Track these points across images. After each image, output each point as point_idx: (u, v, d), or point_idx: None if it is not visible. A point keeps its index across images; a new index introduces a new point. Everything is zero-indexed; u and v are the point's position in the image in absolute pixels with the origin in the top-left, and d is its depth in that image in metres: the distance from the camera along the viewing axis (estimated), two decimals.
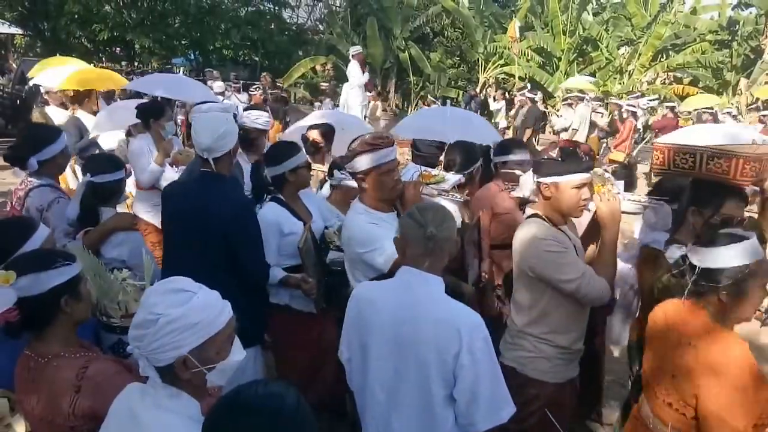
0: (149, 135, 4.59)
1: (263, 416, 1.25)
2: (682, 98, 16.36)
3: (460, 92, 20.16)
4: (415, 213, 2.05)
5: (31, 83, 7.77)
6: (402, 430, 2.03)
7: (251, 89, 13.59)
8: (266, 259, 3.07)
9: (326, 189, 4.07)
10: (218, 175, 2.95)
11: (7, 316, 1.74)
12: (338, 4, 24.81)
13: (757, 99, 15.55)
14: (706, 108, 13.46)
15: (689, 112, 14.30)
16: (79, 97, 6.36)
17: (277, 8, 24.55)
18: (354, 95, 12.16)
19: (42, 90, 7.28)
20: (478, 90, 18.14)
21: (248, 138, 4.24)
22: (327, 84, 18.48)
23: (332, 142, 4.72)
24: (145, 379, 1.58)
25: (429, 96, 18.52)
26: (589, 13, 21.85)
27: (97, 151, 5.34)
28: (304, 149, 4.35)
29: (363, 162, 2.69)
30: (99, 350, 2.03)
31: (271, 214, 3.15)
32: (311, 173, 4.47)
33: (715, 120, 12.13)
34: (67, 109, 6.83)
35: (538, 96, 14.32)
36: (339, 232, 3.22)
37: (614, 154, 11.21)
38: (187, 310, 1.48)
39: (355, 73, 12.06)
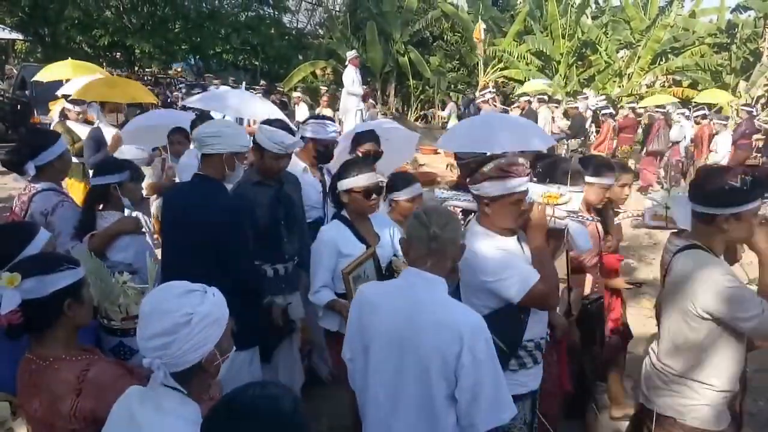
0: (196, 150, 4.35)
1: (260, 418, 1.26)
2: (683, 102, 16.39)
3: (460, 96, 20.18)
4: (421, 214, 2.08)
5: (59, 92, 7.41)
6: (403, 430, 2.04)
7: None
8: (317, 279, 3.02)
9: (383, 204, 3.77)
10: (208, 179, 2.97)
11: (11, 318, 1.75)
12: (338, 9, 24.86)
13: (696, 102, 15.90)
14: (658, 107, 13.68)
15: (645, 109, 14.61)
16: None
17: (276, 13, 24.59)
18: (350, 101, 12.20)
19: (66, 105, 6.93)
20: (477, 93, 18.14)
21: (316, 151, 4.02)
22: (326, 88, 18.52)
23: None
24: (145, 382, 1.60)
25: (370, 99, 17.85)
26: (588, 17, 21.86)
27: None
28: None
29: (493, 188, 2.42)
30: (100, 353, 2.03)
31: (329, 232, 3.04)
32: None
33: (668, 120, 12.41)
34: (90, 123, 6.61)
35: (535, 99, 14.42)
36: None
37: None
38: (211, 306, 1.55)
39: (349, 80, 12.11)
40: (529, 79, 19.37)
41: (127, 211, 3.20)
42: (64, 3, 18.92)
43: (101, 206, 3.09)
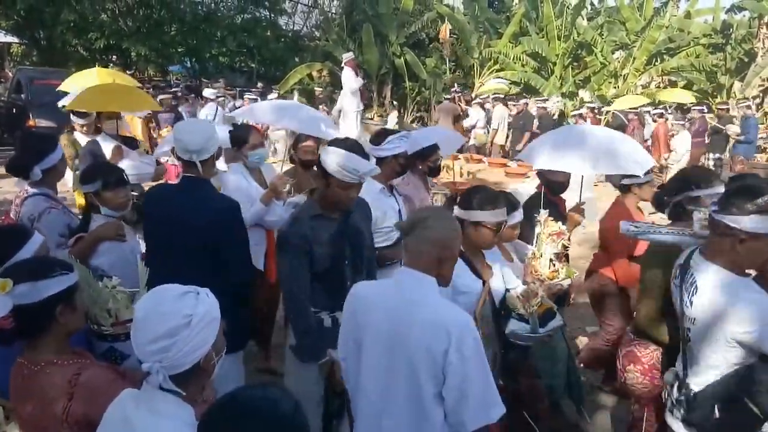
0: (242, 165, 3.99)
1: (261, 418, 1.27)
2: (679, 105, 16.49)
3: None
4: (415, 212, 2.16)
5: (60, 104, 7.13)
6: (392, 428, 2.05)
7: (246, 96, 13.67)
8: None
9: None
10: (200, 181, 2.98)
11: (2, 323, 1.75)
12: (334, 11, 24.88)
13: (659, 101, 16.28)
14: (632, 108, 13.77)
15: (607, 111, 14.79)
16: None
17: (273, 15, 24.58)
18: (348, 102, 12.19)
19: (72, 118, 6.59)
20: (473, 95, 18.17)
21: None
22: (322, 89, 18.52)
23: None
24: (138, 386, 1.59)
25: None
26: (583, 18, 21.93)
27: None
28: None
29: (762, 224, 2.06)
30: (92, 357, 2.03)
31: None
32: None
33: (641, 121, 12.68)
34: (98, 133, 6.10)
35: (532, 100, 14.55)
36: (523, 296, 2.75)
37: None
38: (207, 307, 1.55)
39: (348, 80, 12.10)
40: (524, 80, 19.47)
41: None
42: (60, 6, 18.87)
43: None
